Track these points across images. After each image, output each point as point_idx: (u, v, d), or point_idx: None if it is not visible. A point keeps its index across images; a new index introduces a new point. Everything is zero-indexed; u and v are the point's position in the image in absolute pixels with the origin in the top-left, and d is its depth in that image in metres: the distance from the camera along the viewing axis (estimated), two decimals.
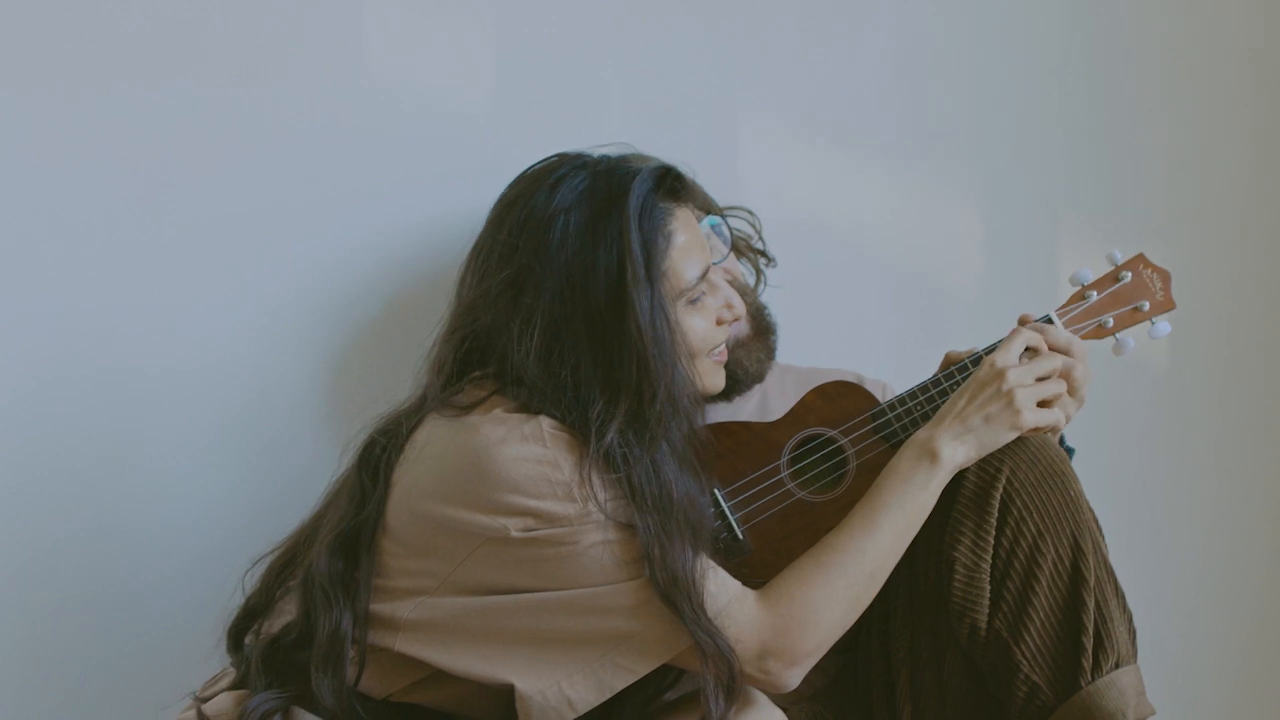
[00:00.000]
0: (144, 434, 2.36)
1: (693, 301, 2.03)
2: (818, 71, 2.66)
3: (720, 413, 2.29)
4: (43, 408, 2.33)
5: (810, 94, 2.66)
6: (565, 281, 1.92)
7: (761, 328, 2.33)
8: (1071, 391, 2.09)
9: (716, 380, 2.09)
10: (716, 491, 2.08)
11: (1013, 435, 2.02)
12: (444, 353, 2.01)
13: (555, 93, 2.52)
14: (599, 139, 2.18)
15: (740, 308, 2.10)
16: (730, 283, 2.28)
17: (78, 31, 2.30)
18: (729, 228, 2.30)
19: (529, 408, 1.90)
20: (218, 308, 2.38)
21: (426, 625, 1.91)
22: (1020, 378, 2.03)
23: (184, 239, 2.37)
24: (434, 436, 1.94)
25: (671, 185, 2.02)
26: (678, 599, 1.86)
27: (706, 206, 2.33)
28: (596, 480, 1.87)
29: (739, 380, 2.28)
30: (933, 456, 2.01)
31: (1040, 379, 2.04)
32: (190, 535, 2.37)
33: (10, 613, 2.33)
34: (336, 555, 1.95)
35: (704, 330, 2.04)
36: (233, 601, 2.06)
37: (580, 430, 1.89)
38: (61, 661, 2.35)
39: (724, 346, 2.10)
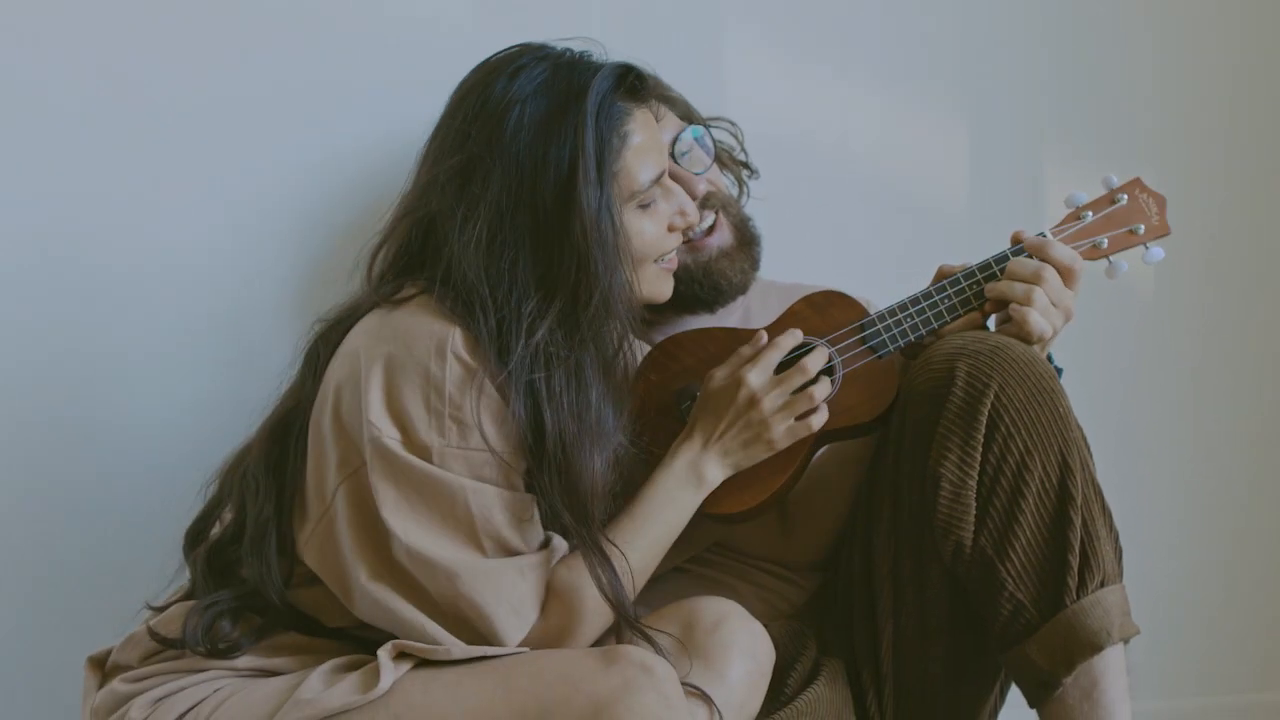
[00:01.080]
0: (115, 332, 2.36)
1: (644, 206, 1.99)
2: None
3: (705, 323, 2.26)
4: (15, 300, 2.32)
5: (797, 7, 2.63)
6: (514, 173, 1.89)
7: (745, 238, 2.30)
8: (1056, 303, 2.06)
9: (662, 289, 2.05)
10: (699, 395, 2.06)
11: (770, 453, 2.01)
12: (387, 238, 1.99)
13: (536, 4, 2.48)
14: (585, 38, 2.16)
15: (694, 216, 2.06)
16: (713, 194, 2.26)
17: None
18: (712, 138, 2.27)
19: (454, 311, 1.87)
20: (195, 207, 2.37)
21: (315, 551, 1.90)
22: (773, 403, 2.00)
23: (162, 138, 2.36)
24: (359, 329, 1.92)
25: (632, 84, 1.98)
26: (575, 508, 1.86)
27: (689, 116, 2.30)
28: (488, 423, 1.85)
29: (722, 290, 2.26)
30: (700, 480, 2.00)
31: (795, 392, 2.01)
32: (159, 438, 2.37)
33: None
34: (269, 444, 1.95)
35: (653, 235, 2.00)
36: (194, 509, 2.04)
37: (508, 329, 1.86)
38: (21, 564, 2.35)
39: (674, 255, 2.07)
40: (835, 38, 2.65)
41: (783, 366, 2.06)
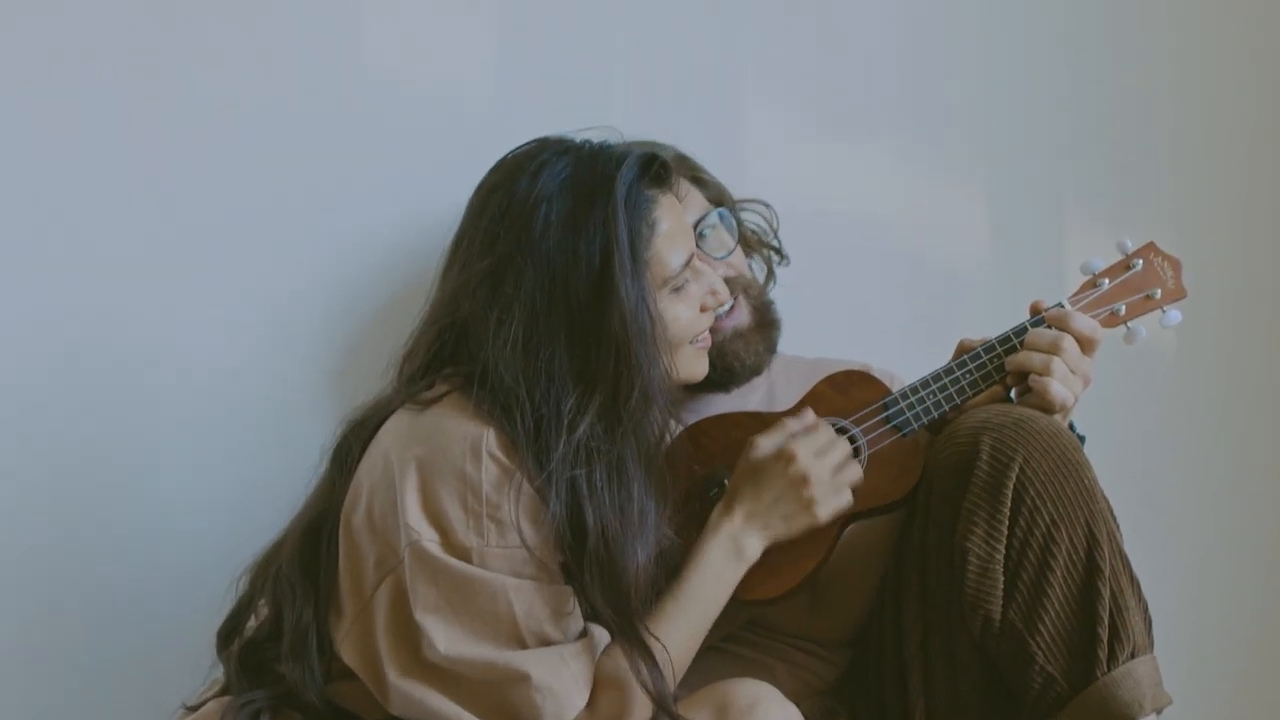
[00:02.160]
0: (146, 435, 2.35)
1: (677, 289, 2.01)
2: (823, 59, 2.65)
3: (725, 404, 2.28)
4: (44, 408, 2.32)
5: (816, 82, 2.65)
6: (546, 270, 1.90)
7: (764, 322, 2.30)
8: (1074, 370, 2.08)
9: (698, 368, 2.07)
10: (727, 481, 2.06)
11: (812, 528, 2.01)
12: (418, 345, 1.99)
13: (559, 81, 2.51)
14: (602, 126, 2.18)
15: (725, 294, 2.08)
16: (734, 279, 2.27)
17: (78, 29, 2.29)
18: (737, 220, 2.29)
19: (489, 413, 1.88)
20: (221, 306, 2.37)
21: (352, 648, 1.91)
22: (820, 476, 2.00)
23: (185, 237, 2.36)
24: (389, 429, 1.93)
25: (657, 173, 2.00)
26: (616, 602, 1.86)
27: (721, 199, 2.32)
28: (526, 524, 1.86)
29: (735, 372, 2.27)
30: (740, 553, 1.99)
31: (839, 465, 2.02)
32: (191, 538, 2.36)
33: (8, 613, 2.32)
34: (302, 546, 1.95)
35: (688, 318, 2.02)
36: (226, 606, 2.04)
37: (548, 427, 1.86)
38: (59, 665, 2.35)
39: (707, 334, 2.08)
40: (855, 112, 2.66)
41: None
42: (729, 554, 1.99)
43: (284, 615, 1.93)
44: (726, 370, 2.25)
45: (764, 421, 2.11)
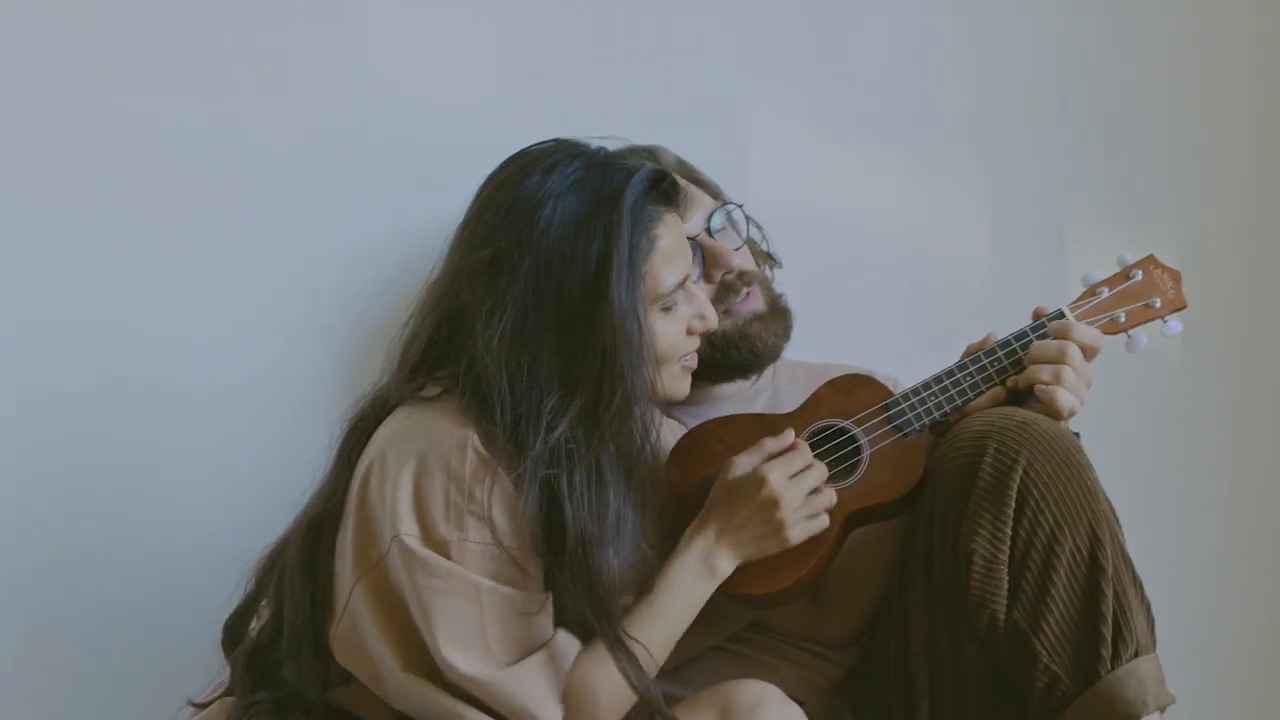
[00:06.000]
0: (150, 445, 2.37)
1: (666, 309, 2.02)
2: (826, 68, 2.66)
3: (732, 407, 2.29)
4: (48, 417, 2.33)
5: (818, 90, 2.66)
6: (543, 267, 1.91)
7: (778, 309, 2.33)
8: (1079, 375, 2.09)
9: (680, 388, 2.07)
10: None
11: (782, 550, 2.01)
12: (419, 330, 2.00)
13: (562, 92, 2.52)
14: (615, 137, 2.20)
15: (713, 319, 2.08)
16: (747, 272, 2.29)
17: (80, 44, 2.31)
18: (745, 216, 2.30)
19: (475, 413, 1.89)
20: (227, 315, 2.39)
21: (343, 644, 1.93)
22: (791, 501, 2.00)
23: (189, 248, 2.38)
24: (388, 426, 1.95)
25: (665, 190, 2.01)
26: (595, 605, 1.87)
27: (719, 196, 2.34)
28: (500, 516, 1.88)
29: (759, 354, 2.29)
30: (712, 572, 1.99)
31: (811, 493, 2.02)
32: (197, 540, 2.38)
33: (14, 618, 2.33)
34: (305, 544, 1.97)
35: (674, 336, 2.03)
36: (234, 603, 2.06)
37: (526, 424, 1.88)
38: (65, 670, 2.35)
39: (693, 355, 2.09)
40: (858, 120, 2.68)
41: (822, 443, 2.10)
42: (699, 571, 1.99)
43: (284, 613, 1.95)
44: (751, 351, 2.28)
45: (767, 423, 2.12)
